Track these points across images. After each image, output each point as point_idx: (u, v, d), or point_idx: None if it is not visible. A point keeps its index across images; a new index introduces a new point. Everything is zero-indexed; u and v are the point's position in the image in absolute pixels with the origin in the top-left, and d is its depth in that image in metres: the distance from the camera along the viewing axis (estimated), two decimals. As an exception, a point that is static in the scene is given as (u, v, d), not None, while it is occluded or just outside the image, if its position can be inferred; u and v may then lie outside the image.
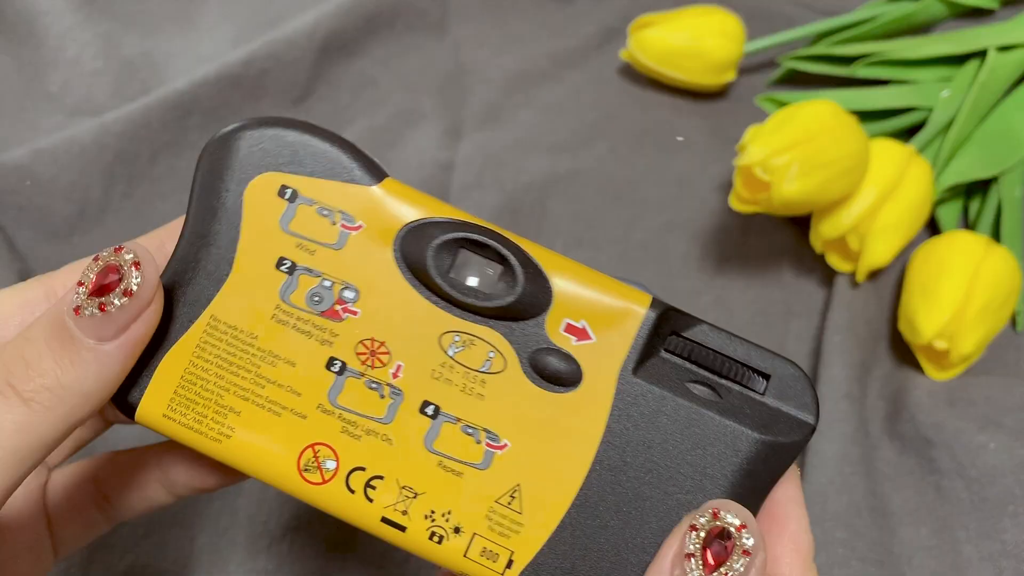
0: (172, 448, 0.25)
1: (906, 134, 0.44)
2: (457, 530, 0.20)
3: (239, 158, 0.21)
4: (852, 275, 0.41)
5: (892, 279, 0.42)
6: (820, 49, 0.48)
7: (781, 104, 0.45)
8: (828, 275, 0.42)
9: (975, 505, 0.35)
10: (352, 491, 0.20)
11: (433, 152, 0.46)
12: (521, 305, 0.20)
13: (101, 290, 0.19)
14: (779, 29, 0.49)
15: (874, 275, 0.42)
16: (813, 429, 0.21)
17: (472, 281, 0.21)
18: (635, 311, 0.20)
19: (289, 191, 0.20)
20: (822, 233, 0.39)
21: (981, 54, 0.43)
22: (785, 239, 0.44)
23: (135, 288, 0.19)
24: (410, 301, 0.20)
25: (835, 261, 0.41)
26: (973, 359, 0.38)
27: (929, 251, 0.39)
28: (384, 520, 0.20)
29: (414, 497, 0.20)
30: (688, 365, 0.21)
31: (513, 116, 0.49)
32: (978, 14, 0.49)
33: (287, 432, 0.20)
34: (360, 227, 0.20)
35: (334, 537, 0.34)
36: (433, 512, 0.20)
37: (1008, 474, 0.35)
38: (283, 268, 0.20)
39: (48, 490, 0.25)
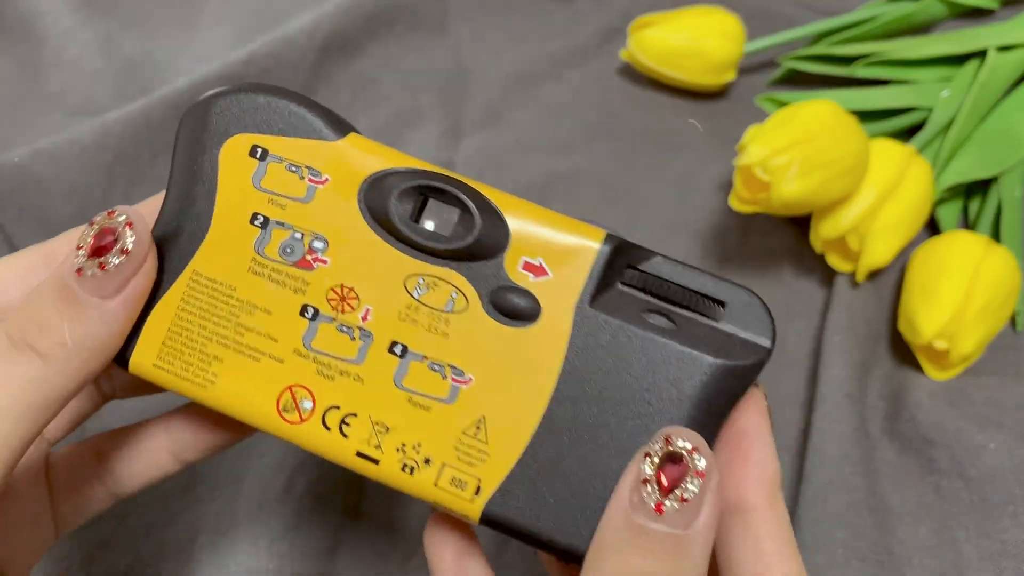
0: (177, 413, 0.26)
1: (906, 134, 0.44)
2: (427, 461, 0.21)
3: (213, 123, 0.22)
4: (852, 275, 0.41)
5: (892, 279, 0.42)
6: (820, 49, 0.48)
7: (781, 104, 0.45)
8: (828, 275, 0.42)
9: (975, 505, 0.35)
10: (328, 428, 0.22)
11: (433, 152, 0.46)
12: (479, 246, 0.21)
13: (99, 251, 0.20)
14: (779, 29, 0.49)
15: (874, 275, 0.42)
16: (769, 352, 0.21)
17: (432, 225, 0.22)
18: (589, 246, 0.21)
19: (260, 150, 0.22)
20: (822, 233, 0.39)
21: (981, 54, 0.43)
22: (785, 239, 0.44)
23: (130, 247, 0.20)
24: (375, 248, 0.21)
25: (835, 261, 0.41)
26: (973, 359, 0.38)
27: (929, 251, 0.39)
28: (359, 454, 0.21)
29: (386, 432, 0.21)
30: (644, 296, 0.22)
31: (513, 116, 0.49)
32: (978, 14, 0.49)
33: (266, 376, 0.22)
34: (326, 181, 0.21)
35: (334, 537, 0.34)
36: (404, 445, 0.21)
37: (1008, 474, 0.35)
38: (256, 223, 0.22)
39: (50, 464, 0.26)
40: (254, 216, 0.22)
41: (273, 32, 0.48)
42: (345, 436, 0.21)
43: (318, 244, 0.22)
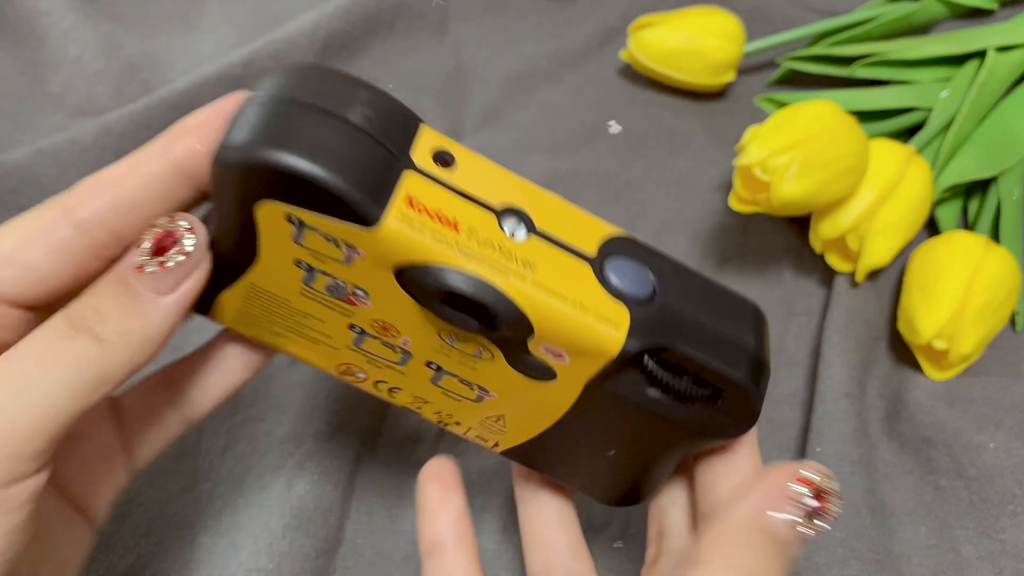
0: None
1: (906, 134, 0.44)
2: (458, 423, 0.27)
3: (243, 186, 0.21)
4: (852, 275, 0.41)
5: (892, 279, 0.42)
6: (819, 50, 0.48)
7: (780, 104, 0.45)
8: (828, 275, 0.42)
9: (974, 505, 0.35)
10: (379, 391, 0.26)
11: (433, 152, 0.46)
12: (505, 337, 0.23)
13: (160, 250, 0.22)
14: (778, 30, 0.49)
15: (873, 275, 0.42)
16: (740, 434, 0.25)
17: (464, 319, 0.23)
18: (611, 343, 0.23)
19: (296, 219, 0.22)
20: (822, 233, 0.39)
21: (980, 54, 0.43)
22: (785, 239, 0.44)
23: (190, 249, 0.22)
24: (412, 309, 0.23)
25: (835, 261, 0.41)
26: (972, 359, 0.38)
27: (928, 251, 0.39)
28: (404, 407, 0.27)
29: (425, 403, 0.26)
30: (649, 385, 0.24)
31: (513, 116, 0.49)
32: (978, 14, 0.49)
33: (325, 354, 0.26)
34: (363, 255, 0.22)
35: (333, 537, 0.34)
36: (440, 412, 0.27)
37: (1008, 474, 0.35)
38: (301, 267, 0.23)
39: (118, 400, 0.27)
40: (298, 262, 0.23)
41: (273, 33, 0.48)
42: (393, 397, 0.27)
43: (360, 292, 0.23)
